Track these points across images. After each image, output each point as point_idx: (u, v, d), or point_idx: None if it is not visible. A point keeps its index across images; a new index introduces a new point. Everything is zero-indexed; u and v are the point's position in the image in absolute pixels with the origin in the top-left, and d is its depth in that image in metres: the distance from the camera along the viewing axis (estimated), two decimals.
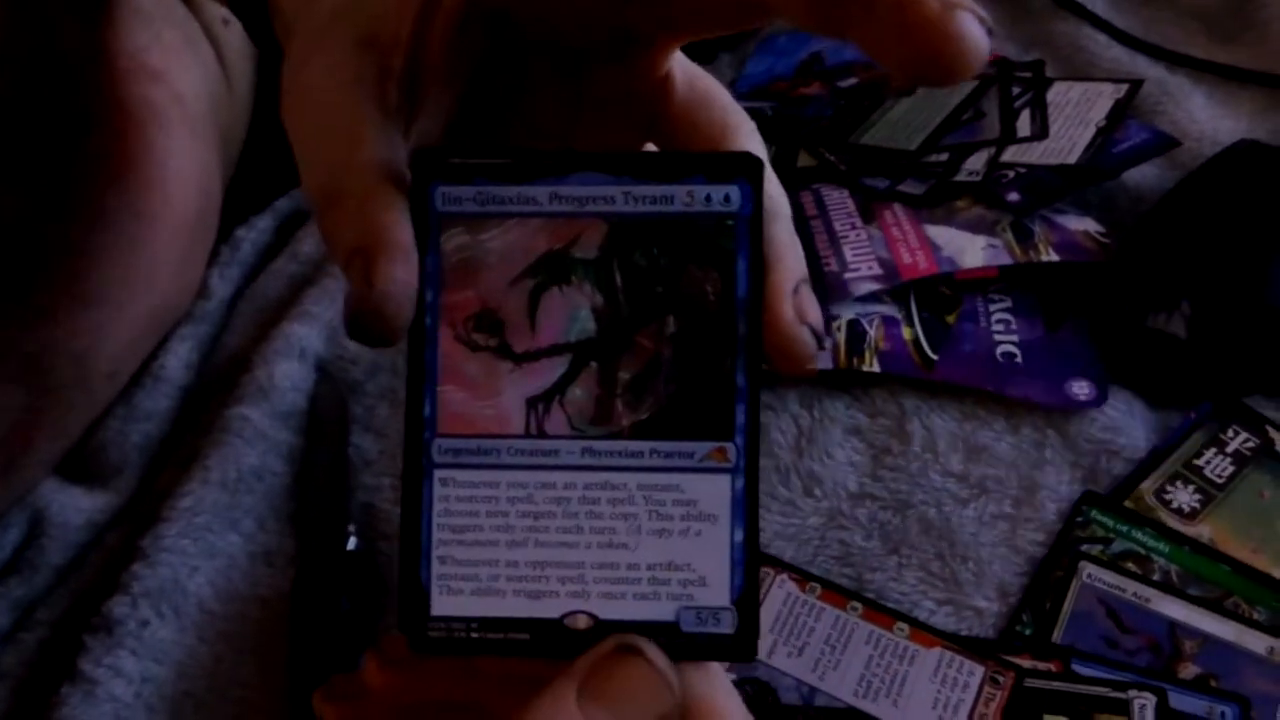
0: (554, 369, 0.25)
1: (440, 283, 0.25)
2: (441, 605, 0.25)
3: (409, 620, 0.25)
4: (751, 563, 0.25)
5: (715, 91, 0.27)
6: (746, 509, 0.25)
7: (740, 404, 0.25)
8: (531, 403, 0.25)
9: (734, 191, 0.25)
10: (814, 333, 0.25)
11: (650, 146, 0.28)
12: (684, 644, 0.25)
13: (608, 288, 0.25)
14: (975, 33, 0.20)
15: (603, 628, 0.24)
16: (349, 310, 0.23)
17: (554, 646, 0.24)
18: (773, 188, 0.25)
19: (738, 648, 0.25)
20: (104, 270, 0.42)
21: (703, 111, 0.27)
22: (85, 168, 0.41)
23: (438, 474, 0.25)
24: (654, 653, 0.24)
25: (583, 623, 0.24)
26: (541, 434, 0.25)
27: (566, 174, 0.25)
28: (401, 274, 0.23)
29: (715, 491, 0.25)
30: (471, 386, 0.25)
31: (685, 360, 0.25)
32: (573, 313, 0.25)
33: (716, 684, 0.25)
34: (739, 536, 0.25)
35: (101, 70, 0.41)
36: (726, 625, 0.25)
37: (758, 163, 0.25)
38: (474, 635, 0.25)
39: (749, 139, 0.27)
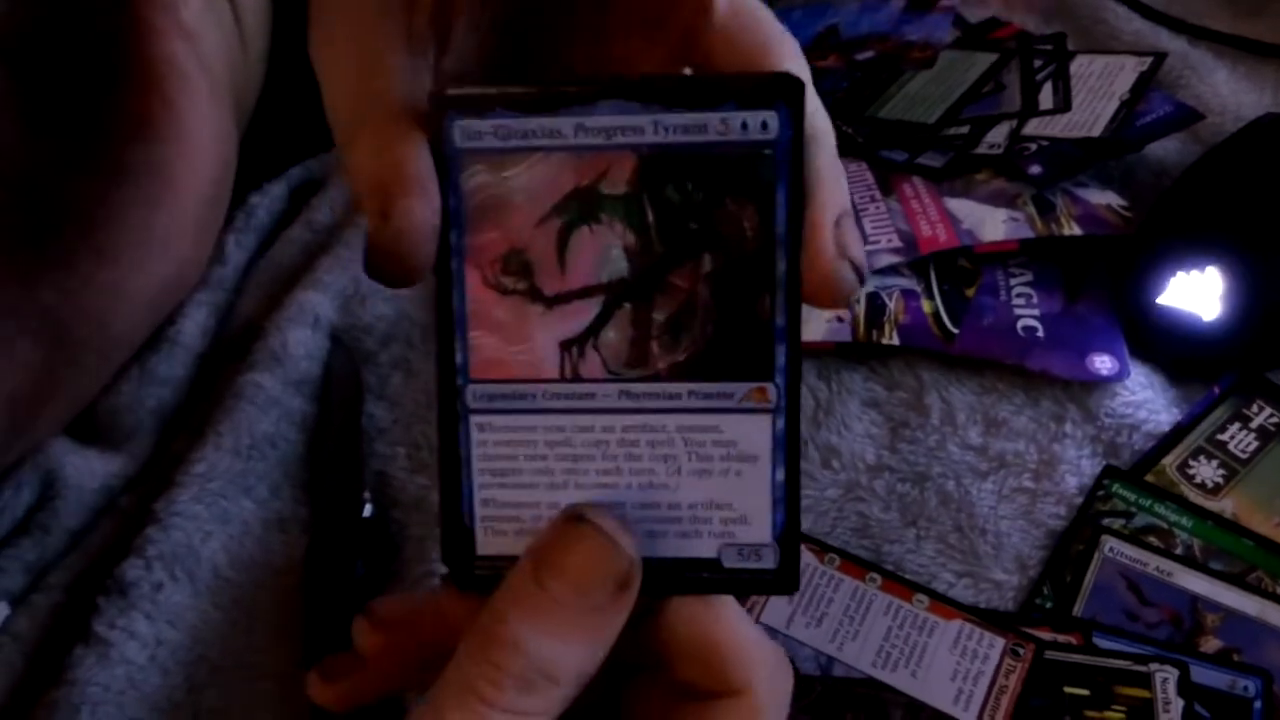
0: (587, 311, 0.24)
1: (464, 224, 0.24)
2: (487, 545, 0.25)
3: (455, 560, 0.25)
4: (792, 500, 0.24)
5: (757, 10, 0.26)
6: (788, 448, 0.24)
7: (780, 344, 0.24)
8: (566, 346, 0.24)
9: (771, 118, 0.23)
10: (855, 268, 0.24)
11: (688, 72, 0.27)
12: (726, 579, 0.25)
13: (639, 225, 0.24)
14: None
15: (644, 565, 0.24)
16: (367, 247, 0.22)
17: None
18: (816, 112, 0.24)
19: (780, 582, 0.25)
20: (123, 228, 0.41)
21: (743, 33, 0.25)
22: (109, 120, 0.41)
23: (474, 419, 0.24)
24: (601, 518, 0.23)
25: None
26: (577, 378, 0.24)
27: (592, 103, 0.23)
28: (419, 210, 0.22)
29: (755, 432, 0.24)
30: (502, 331, 0.24)
31: (723, 300, 0.24)
32: (604, 252, 0.24)
33: (728, 615, 0.25)
34: (780, 476, 0.24)
35: (130, 20, 0.41)
36: (769, 560, 0.24)
37: (798, 84, 0.23)
38: None
39: (792, 60, 0.25)
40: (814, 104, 0.24)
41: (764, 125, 0.23)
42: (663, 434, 0.24)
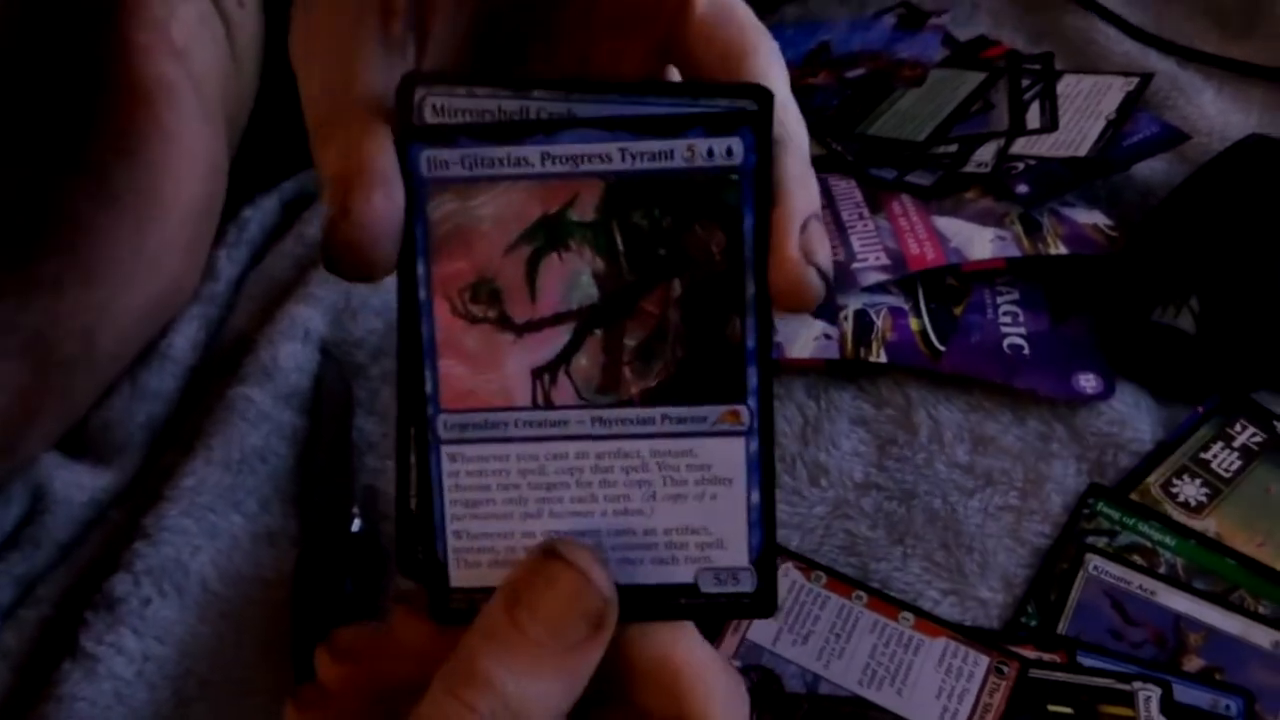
0: (558, 338, 0.24)
1: (432, 253, 0.24)
2: (460, 577, 0.25)
3: (429, 593, 0.25)
4: (768, 522, 0.24)
5: (737, 10, 0.26)
6: (762, 470, 0.24)
7: (751, 366, 0.24)
8: (537, 373, 0.24)
9: (736, 144, 0.23)
10: (820, 274, 0.24)
11: (674, 71, 0.27)
12: (704, 604, 0.25)
13: (608, 251, 0.24)
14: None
15: (621, 592, 0.24)
16: (324, 239, 0.22)
17: None
18: (789, 117, 0.24)
19: (758, 605, 0.25)
20: (112, 248, 0.41)
21: (722, 30, 0.25)
22: (95, 141, 0.41)
23: (445, 449, 0.24)
24: (576, 553, 0.23)
25: None
26: (549, 405, 0.24)
27: (557, 132, 0.23)
28: (379, 202, 0.22)
29: (730, 455, 0.24)
30: (472, 359, 0.24)
31: (693, 323, 0.24)
32: (573, 279, 0.24)
33: (686, 641, 0.25)
34: (755, 498, 0.24)
35: (117, 40, 0.41)
36: (747, 584, 0.25)
37: (762, 112, 0.23)
38: None
39: (770, 61, 0.25)
40: (788, 108, 0.24)
41: (729, 151, 0.23)
42: (637, 459, 0.24)
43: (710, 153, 0.23)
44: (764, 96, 0.23)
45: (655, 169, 0.23)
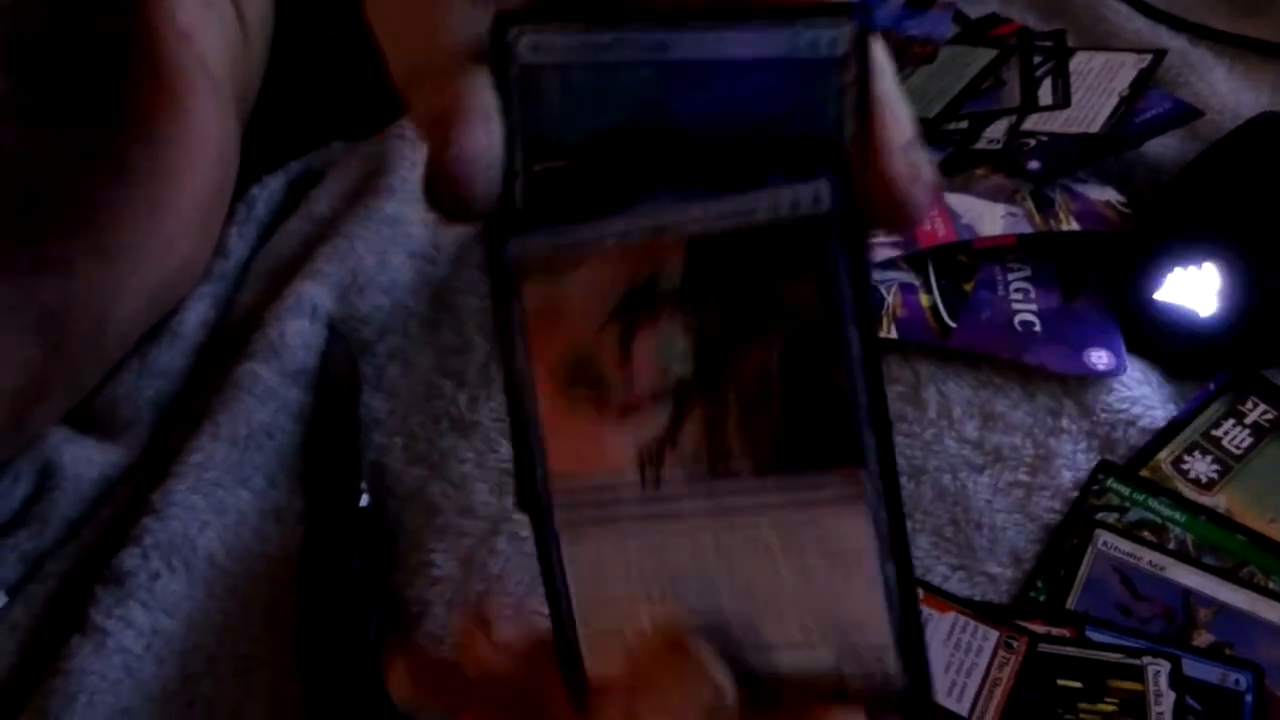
0: (659, 414, 0.23)
1: (529, 336, 0.23)
2: (594, 664, 0.24)
3: (569, 682, 0.24)
4: (907, 596, 0.22)
5: None
6: (893, 539, 0.22)
7: (865, 424, 0.21)
8: (644, 452, 0.23)
9: (822, 188, 0.22)
10: (925, 189, 0.22)
11: None
12: (854, 692, 0.22)
13: (701, 316, 0.22)
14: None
15: (760, 682, 0.23)
16: (425, 178, 0.22)
17: None
18: (875, 47, 0.23)
19: (910, 694, 0.22)
20: (124, 227, 0.41)
21: None
22: (112, 123, 0.41)
23: (563, 536, 0.24)
24: (699, 646, 0.22)
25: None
26: (659, 484, 0.23)
27: (637, 201, 0.22)
28: (481, 137, 0.22)
29: (854, 525, 0.22)
30: (578, 439, 0.23)
31: (796, 382, 0.22)
32: (668, 350, 0.22)
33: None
34: (890, 570, 0.22)
35: (140, 24, 0.41)
36: (891, 665, 0.22)
37: (841, 162, 0.22)
38: None
39: None
40: (875, 45, 0.23)
41: (815, 198, 0.22)
42: (757, 535, 0.22)
43: (795, 203, 0.22)
44: (838, 148, 0.22)
45: (740, 225, 0.22)
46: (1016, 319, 0.47)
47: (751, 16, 0.22)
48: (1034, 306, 0.48)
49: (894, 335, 0.46)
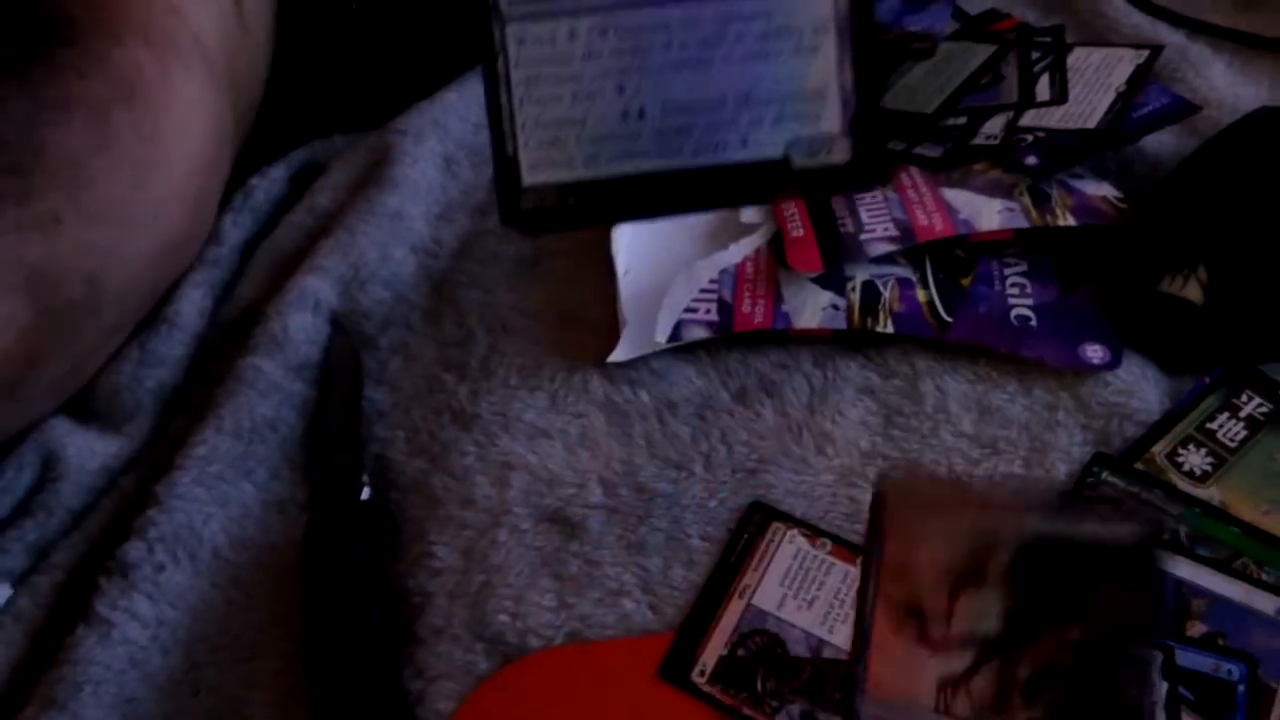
0: (963, 658, 0.27)
1: (882, 578, 0.28)
2: None
3: None
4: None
5: None
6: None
7: None
8: (942, 684, 0.27)
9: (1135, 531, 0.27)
10: None
11: None
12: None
13: (1017, 594, 0.27)
14: None
15: None
16: None
17: None
18: None
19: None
20: (111, 189, 0.41)
21: None
22: (92, 80, 0.40)
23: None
24: None
25: None
26: (948, 713, 0.27)
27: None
28: None
29: None
30: (895, 661, 0.28)
31: (1085, 669, 0.26)
32: (983, 612, 0.27)
33: None
34: None
35: None
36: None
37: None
38: None
39: None
40: None
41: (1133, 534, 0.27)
42: None
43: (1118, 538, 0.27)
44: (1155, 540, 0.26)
45: (1067, 533, 0.27)
46: (1013, 313, 0.47)
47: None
48: (1031, 301, 0.48)
49: (892, 329, 0.47)
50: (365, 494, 0.44)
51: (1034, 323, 0.47)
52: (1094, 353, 0.46)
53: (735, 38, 0.23)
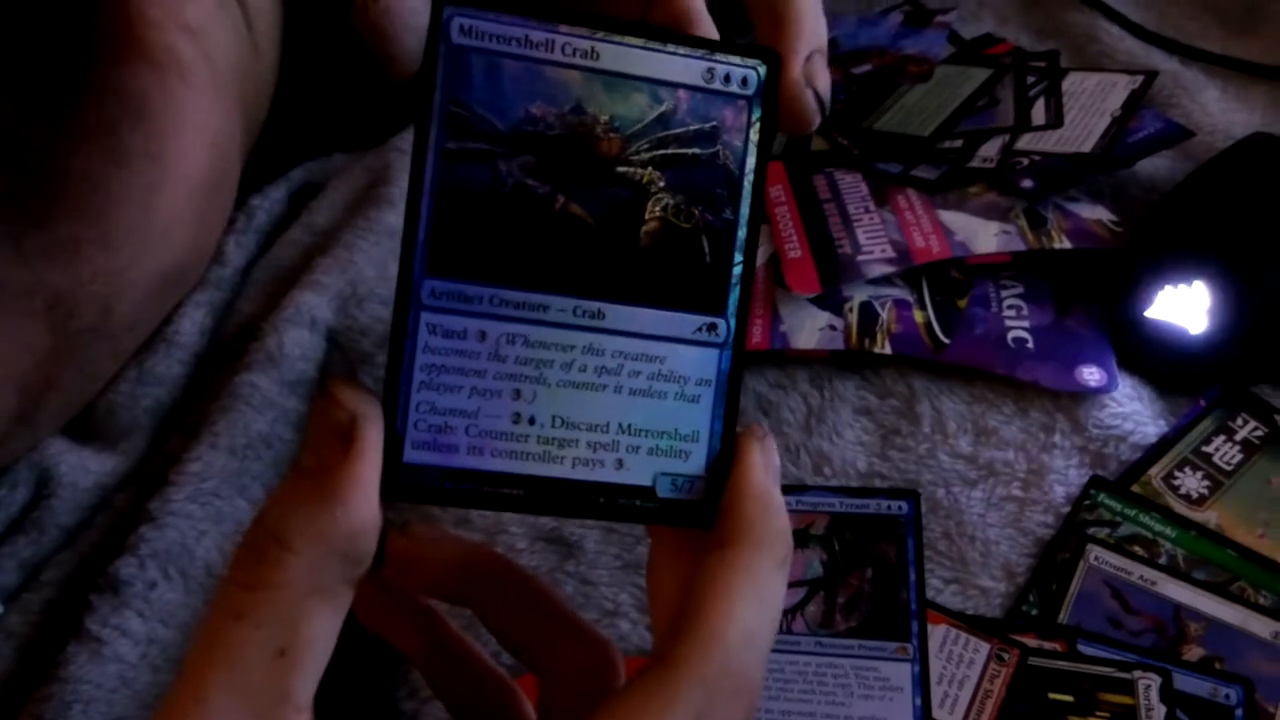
0: (798, 594, 0.40)
1: None
2: None
3: None
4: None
5: None
6: (923, 687, 0.38)
7: (914, 619, 0.39)
8: (786, 612, 0.39)
9: (904, 505, 0.43)
10: (818, 99, 0.25)
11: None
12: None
13: (830, 550, 0.41)
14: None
15: None
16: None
17: None
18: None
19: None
20: (125, 212, 0.41)
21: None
22: (107, 103, 0.41)
23: None
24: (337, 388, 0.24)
25: None
26: (789, 632, 0.39)
27: (802, 493, 0.43)
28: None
29: (901, 674, 0.38)
30: None
31: (878, 594, 0.40)
32: (810, 562, 0.41)
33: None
34: (918, 701, 0.35)
35: (127, 10, 0.41)
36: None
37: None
38: None
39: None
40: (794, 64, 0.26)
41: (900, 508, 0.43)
42: (842, 671, 0.38)
43: (888, 506, 0.43)
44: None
45: (858, 510, 0.42)
46: (1010, 335, 0.48)
47: (676, 39, 0.25)
48: (1027, 323, 0.48)
49: (889, 350, 0.47)
50: None
51: (1030, 344, 0.47)
52: (1090, 375, 0.46)
53: (630, 374, 0.25)
